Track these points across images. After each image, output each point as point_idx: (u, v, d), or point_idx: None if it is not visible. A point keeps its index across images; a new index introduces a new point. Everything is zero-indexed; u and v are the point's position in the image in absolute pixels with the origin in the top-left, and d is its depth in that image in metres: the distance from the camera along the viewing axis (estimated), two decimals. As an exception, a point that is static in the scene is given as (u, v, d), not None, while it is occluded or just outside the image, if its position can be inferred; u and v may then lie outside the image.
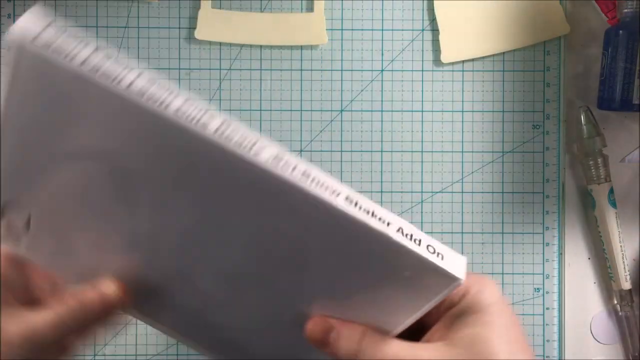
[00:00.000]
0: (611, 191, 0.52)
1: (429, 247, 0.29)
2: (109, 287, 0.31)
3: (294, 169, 0.27)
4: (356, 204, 0.28)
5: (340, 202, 0.28)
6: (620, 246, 0.52)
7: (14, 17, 0.51)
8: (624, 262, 0.52)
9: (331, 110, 0.52)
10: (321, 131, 0.52)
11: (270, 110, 0.52)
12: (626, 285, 0.52)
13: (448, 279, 0.29)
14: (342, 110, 0.52)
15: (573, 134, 0.53)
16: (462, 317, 0.30)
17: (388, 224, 0.29)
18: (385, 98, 0.52)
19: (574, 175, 0.53)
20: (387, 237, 0.28)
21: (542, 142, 0.53)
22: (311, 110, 0.52)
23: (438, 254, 0.29)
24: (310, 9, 0.52)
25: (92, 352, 0.52)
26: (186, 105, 0.28)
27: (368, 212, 0.28)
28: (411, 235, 0.29)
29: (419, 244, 0.29)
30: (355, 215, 0.28)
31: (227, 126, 0.27)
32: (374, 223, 0.28)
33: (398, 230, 0.29)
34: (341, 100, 0.52)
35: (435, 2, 0.52)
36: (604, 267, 0.53)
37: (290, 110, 0.52)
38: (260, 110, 0.52)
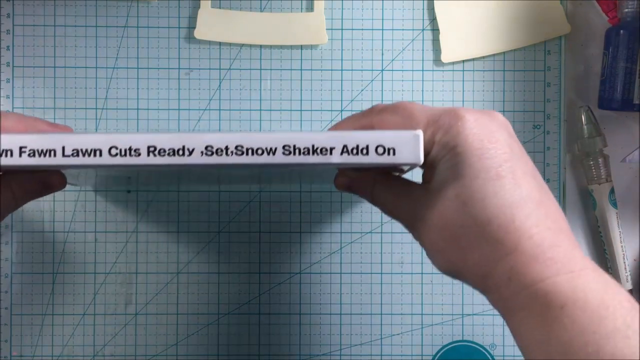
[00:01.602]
0: (612, 191, 0.52)
1: (378, 149, 0.30)
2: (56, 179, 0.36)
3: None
4: (294, 150, 0.30)
5: (278, 157, 0.30)
6: (621, 246, 0.52)
7: (13, 16, 0.51)
8: (624, 262, 0.52)
9: (331, 110, 0.52)
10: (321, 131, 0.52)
11: (270, 110, 0.52)
12: (627, 285, 0.52)
13: (407, 165, 0.31)
14: (342, 110, 0.52)
15: (574, 134, 0.53)
16: (437, 160, 0.33)
17: (331, 149, 0.30)
18: (385, 98, 0.52)
19: (575, 175, 0.53)
20: (329, 164, 0.31)
21: (542, 142, 0.52)
22: (311, 110, 0.52)
23: (388, 150, 0.30)
24: (310, 9, 0.52)
25: (92, 352, 0.52)
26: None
27: (307, 152, 0.30)
28: (357, 147, 0.30)
29: (367, 153, 0.30)
30: (296, 162, 0.30)
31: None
32: (313, 159, 0.30)
33: (343, 151, 0.30)
34: (341, 100, 0.52)
35: (435, 1, 0.52)
36: (604, 267, 0.53)
37: (290, 110, 0.52)
38: (260, 110, 0.52)
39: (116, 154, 0.31)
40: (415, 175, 0.38)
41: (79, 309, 0.52)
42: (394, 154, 0.31)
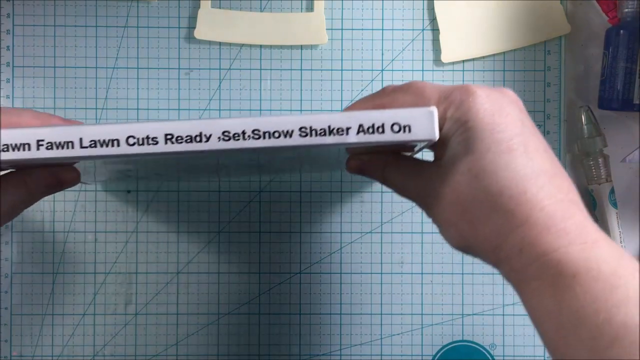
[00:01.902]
0: (612, 191, 0.52)
1: (394, 126, 0.31)
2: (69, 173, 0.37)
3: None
4: (310, 132, 0.31)
5: (295, 139, 0.31)
6: (621, 246, 0.52)
7: (13, 16, 0.51)
8: (624, 262, 0.52)
9: (331, 110, 0.52)
10: (321, 131, 0.52)
11: (270, 110, 0.52)
12: (627, 285, 0.52)
13: (422, 142, 0.32)
14: (342, 110, 0.52)
15: (574, 134, 0.53)
16: (449, 136, 0.33)
17: (347, 129, 0.31)
18: (385, 98, 0.52)
19: (575, 175, 0.53)
20: (346, 144, 0.31)
21: (542, 142, 0.52)
22: (311, 110, 0.52)
23: (404, 127, 0.31)
24: (310, 8, 0.52)
25: (92, 352, 0.52)
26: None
27: (324, 132, 0.31)
28: (372, 126, 0.31)
29: (383, 131, 0.31)
30: (313, 143, 0.31)
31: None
32: (330, 140, 0.31)
33: (359, 130, 0.31)
34: (341, 100, 0.52)
35: (435, 1, 0.52)
36: (604, 268, 0.53)
37: (290, 110, 0.52)
38: (260, 110, 0.52)
39: (134, 143, 0.31)
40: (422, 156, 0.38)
41: (79, 309, 0.52)
42: (409, 131, 0.31)
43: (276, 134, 0.31)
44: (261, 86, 0.52)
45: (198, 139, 0.31)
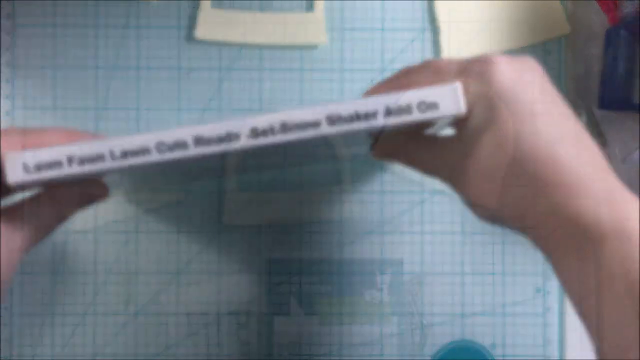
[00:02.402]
0: (612, 191, 0.51)
1: (421, 105, 0.31)
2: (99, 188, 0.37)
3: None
4: (337, 119, 0.31)
5: (323, 128, 0.31)
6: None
7: (14, 17, 0.51)
8: (624, 262, 0.52)
9: (331, 110, 0.52)
10: (321, 131, 0.52)
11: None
12: (627, 285, 0.52)
13: (450, 117, 0.32)
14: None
15: (574, 134, 0.53)
16: (470, 108, 0.33)
17: (375, 113, 0.31)
18: (385, 98, 0.52)
19: (575, 175, 0.53)
20: (375, 128, 0.31)
21: (542, 142, 0.52)
22: (311, 110, 0.52)
23: (431, 105, 0.31)
24: (310, 8, 0.52)
25: (92, 352, 0.52)
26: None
27: (352, 119, 0.31)
28: (399, 108, 0.31)
29: (410, 111, 0.31)
30: (342, 130, 0.31)
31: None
32: (358, 125, 0.31)
33: (386, 113, 0.31)
34: (341, 100, 0.52)
35: (435, 2, 0.52)
36: (604, 268, 0.53)
37: (290, 110, 0.52)
38: (261, 110, 0.52)
39: (164, 150, 0.31)
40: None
41: (79, 309, 0.52)
42: (436, 108, 0.31)
43: (304, 126, 0.31)
44: (261, 86, 0.52)
45: (227, 139, 0.31)
